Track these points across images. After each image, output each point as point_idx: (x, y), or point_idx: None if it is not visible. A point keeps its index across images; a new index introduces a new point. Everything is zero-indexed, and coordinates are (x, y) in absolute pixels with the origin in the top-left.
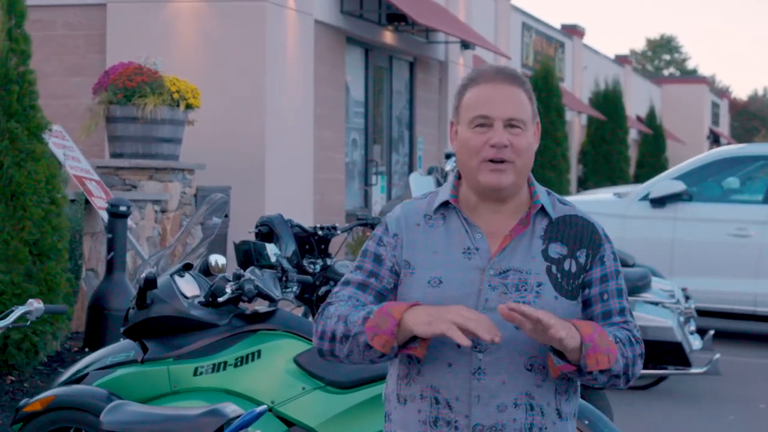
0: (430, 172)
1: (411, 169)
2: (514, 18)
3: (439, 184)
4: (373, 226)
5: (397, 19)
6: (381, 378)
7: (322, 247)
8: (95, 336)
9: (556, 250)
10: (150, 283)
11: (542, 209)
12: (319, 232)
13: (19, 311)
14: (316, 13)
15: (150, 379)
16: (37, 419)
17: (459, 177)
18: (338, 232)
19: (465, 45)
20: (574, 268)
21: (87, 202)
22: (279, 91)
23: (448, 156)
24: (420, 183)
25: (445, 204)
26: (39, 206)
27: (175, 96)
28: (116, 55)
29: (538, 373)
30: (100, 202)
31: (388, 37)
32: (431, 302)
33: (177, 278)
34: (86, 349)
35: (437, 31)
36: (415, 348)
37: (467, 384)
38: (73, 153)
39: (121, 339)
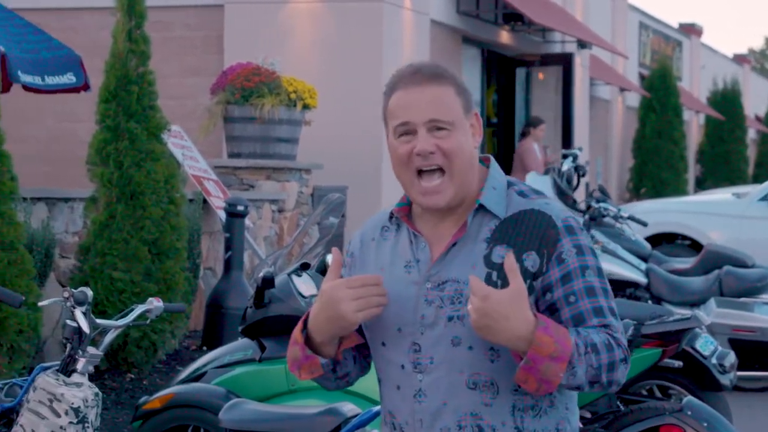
0: (547, 172)
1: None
2: (631, 17)
3: (556, 184)
4: None
5: (513, 18)
6: None
7: None
8: (213, 335)
9: (500, 254)
10: (268, 282)
11: (485, 208)
12: None
13: (139, 310)
14: (433, 13)
15: (268, 377)
16: (156, 417)
17: None
18: None
19: (582, 44)
20: None
21: (205, 201)
22: None
23: (565, 156)
24: (537, 183)
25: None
26: (158, 206)
27: (293, 96)
28: (234, 56)
29: (484, 391)
30: (218, 202)
31: (505, 36)
32: (375, 323)
33: (294, 278)
34: (204, 348)
35: (554, 30)
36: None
37: (411, 407)
38: (191, 153)
39: (239, 338)
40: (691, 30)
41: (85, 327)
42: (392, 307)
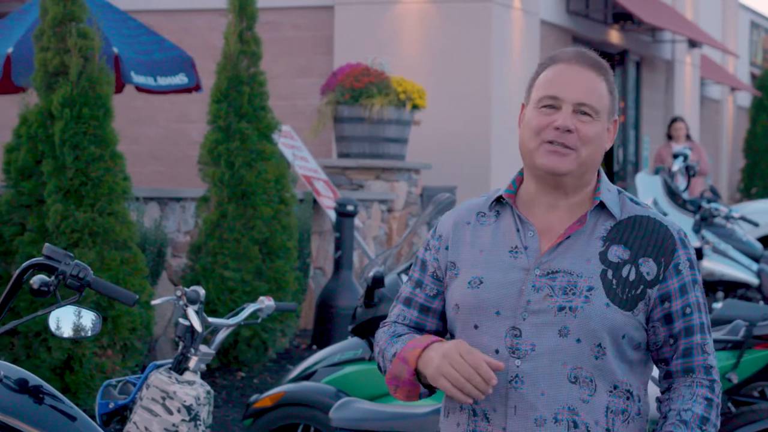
0: (656, 172)
1: (637, 169)
2: (741, 16)
3: (666, 184)
4: None
5: (623, 18)
6: None
7: None
8: (323, 334)
9: (617, 253)
10: (378, 281)
11: (604, 207)
12: None
13: (250, 308)
14: (542, 12)
15: (378, 376)
16: (266, 415)
17: (521, 173)
18: None
19: (692, 44)
20: (632, 276)
21: (315, 201)
22: (504, 90)
23: (675, 156)
24: (647, 183)
25: (501, 200)
26: (269, 205)
27: (402, 96)
28: (343, 56)
29: (584, 387)
30: (327, 202)
31: (615, 36)
32: (470, 304)
33: (404, 277)
34: (314, 347)
35: (664, 30)
36: None
37: (504, 393)
38: (301, 153)
39: (349, 337)
40: None
41: (198, 325)
42: (492, 291)
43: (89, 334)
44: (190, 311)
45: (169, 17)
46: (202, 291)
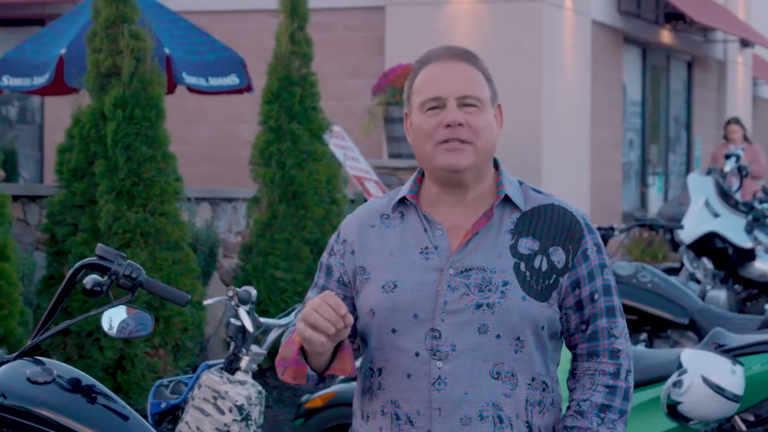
0: (708, 173)
1: (688, 170)
2: None
3: (718, 185)
4: (651, 227)
5: (674, 17)
6: (662, 379)
7: None
8: None
9: (527, 245)
10: None
11: (508, 200)
12: None
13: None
14: (594, 12)
15: None
16: (317, 415)
17: (422, 173)
18: (616, 232)
19: (744, 43)
20: (545, 266)
21: (366, 201)
22: (556, 91)
23: (727, 157)
24: (698, 184)
25: (405, 201)
26: (320, 206)
27: None
28: (395, 57)
29: (505, 382)
30: None
31: (666, 36)
32: (386, 308)
33: None
34: None
35: (716, 29)
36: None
37: (427, 396)
38: (352, 153)
39: None
40: None
41: (249, 326)
42: (408, 294)
43: (141, 334)
44: (242, 311)
45: (220, 18)
46: (253, 291)
